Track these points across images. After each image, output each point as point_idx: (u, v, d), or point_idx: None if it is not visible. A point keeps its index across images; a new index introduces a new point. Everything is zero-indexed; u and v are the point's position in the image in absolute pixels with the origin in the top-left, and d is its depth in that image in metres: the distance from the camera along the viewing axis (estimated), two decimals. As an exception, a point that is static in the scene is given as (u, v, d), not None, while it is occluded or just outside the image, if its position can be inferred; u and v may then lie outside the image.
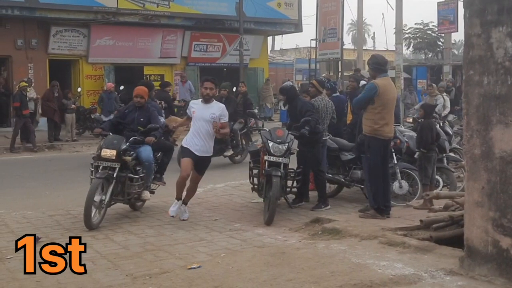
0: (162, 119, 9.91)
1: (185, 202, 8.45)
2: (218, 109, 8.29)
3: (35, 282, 5.60)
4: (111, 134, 8.48)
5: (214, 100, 8.41)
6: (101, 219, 7.90)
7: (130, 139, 8.33)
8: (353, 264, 5.82)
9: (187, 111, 8.56)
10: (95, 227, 7.69)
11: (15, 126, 17.27)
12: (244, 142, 14.39)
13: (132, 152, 8.36)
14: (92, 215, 7.68)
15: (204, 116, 8.18)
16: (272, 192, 8.04)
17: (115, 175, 8.00)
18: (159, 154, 8.98)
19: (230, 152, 14.13)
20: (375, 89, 7.73)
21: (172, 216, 8.21)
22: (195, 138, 8.18)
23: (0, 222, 8.23)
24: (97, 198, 7.77)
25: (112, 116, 12.57)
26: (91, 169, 8.41)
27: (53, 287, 5.49)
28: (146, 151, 8.51)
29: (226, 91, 14.38)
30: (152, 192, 8.91)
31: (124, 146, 8.17)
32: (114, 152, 8.01)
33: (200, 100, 8.47)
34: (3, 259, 6.42)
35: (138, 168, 8.45)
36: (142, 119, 8.72)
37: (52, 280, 5.61)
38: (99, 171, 8.04)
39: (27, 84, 17.66)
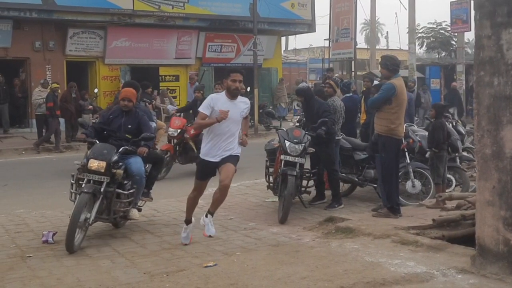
0: (154, 124, 8.94)
1: (211, 212, 7.14)
2: (245, 105, 7.03)
3: (55, 279, 5.73)
4: (97, 141, 7.35)
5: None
6: (82, 240, 6.82)
7: (120, 150, 7.24)
8: (366, 263, 5.90)
9: (204, 108, 6.86)
10: (76, 249, 6.65)
11: (50, 126, 17.31)
12: None
13: (120, 164, 7.23)
14: (75, 237, 6.66)
15: (234, 116, 6.84)
16: (287, 191, 8.14)
17: (102, 190, 6.90)
18: (147, 165, 7.85)
19: None
20: (394, 89, 7.80)
21: (185, 244, 7.01)
22: (221, 144, 6.85)
23: (20, 221, 8.39)
24: (81, 216, 6.70)
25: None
26: (72, 181, 7.25)
27: (73, 284, 5.59)
28: (137, 163, 7.40)
29: (201, 93, 13.14)
30: (139, 210, 7.83)
31: (115, 157, 7.07)
32: (103, 164, 6.90)
33: (222, 93, 7.04)
34: (24, 257, 6.55)
35: (125, 182, 7.30)
36: (130, 126, 7.58)
37: (72, 277, 5.76)
38: (84, 184, 6.93)
39: (59, 86, 17.89)
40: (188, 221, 7.13)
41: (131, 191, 7.30)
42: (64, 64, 22.26)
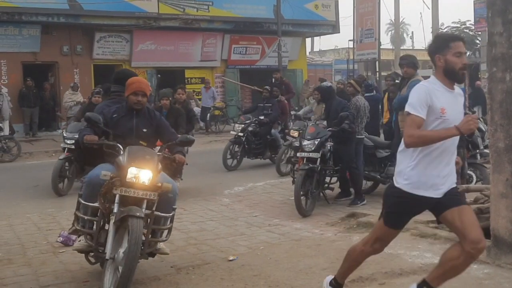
0: None
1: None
2: (462, 96, 4.22)
3: (86, 273, 5.94)
4: (118, 145, 5.28)
5: None
6: None
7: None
8: (385, 254, 5.99)
9: (418, 107, 4.00)
10: None
11: None
12: None
13: None
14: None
15: (459, 114, 4.07)
16: (295, 185, 8.48)
17: (143, 215, 4.90)
18: None
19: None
20: None
21: None
22: (441, 163, 4.07)
23: (51, 219, 8.67)
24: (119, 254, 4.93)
25: None
26: (82, 201, 5.28)
27: (103, 278, 5.84)
28: (167, 177, 5.43)
29: (168, 100, 10.34)
30: None
31: (159, 166, 5.22)
32: (150, 174, 4.99)
33: (434, 79, 4.13)
34: (56, 252, 6.79)
35: None
36: (145, 130, 5.56)
37: (101, 271, 6.00)
38: (119, 206, 4.95)
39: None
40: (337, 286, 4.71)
41: (172, 213, 5.45)
42: (92, 68, 22.72)
